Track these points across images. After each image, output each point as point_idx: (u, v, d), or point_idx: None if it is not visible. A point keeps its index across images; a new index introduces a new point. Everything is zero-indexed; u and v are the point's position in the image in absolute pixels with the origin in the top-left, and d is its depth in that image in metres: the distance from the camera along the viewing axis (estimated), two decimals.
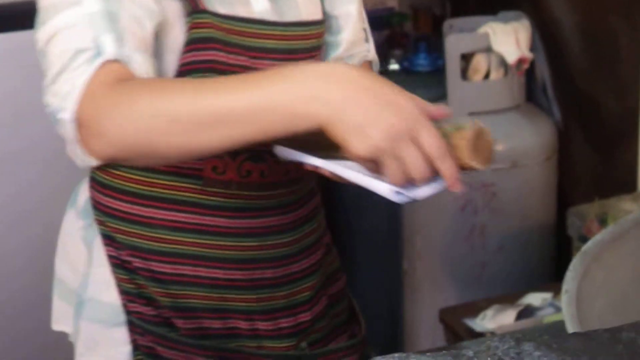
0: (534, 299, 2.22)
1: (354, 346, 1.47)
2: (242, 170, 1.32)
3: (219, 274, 1.35)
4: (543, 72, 2.70)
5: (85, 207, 1.40)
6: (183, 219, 1.33)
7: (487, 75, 2.55)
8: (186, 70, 1.25)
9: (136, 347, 1.38)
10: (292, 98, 1.04)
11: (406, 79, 2.81)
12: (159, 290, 1.36)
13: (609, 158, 2.56)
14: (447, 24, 2.66)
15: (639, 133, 2.37)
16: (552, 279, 2.54)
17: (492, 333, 2.11)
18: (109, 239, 1.37)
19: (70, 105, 1.11)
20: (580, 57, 2.60)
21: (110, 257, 1.37)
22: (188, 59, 1.25)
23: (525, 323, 2.12)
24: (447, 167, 1.05)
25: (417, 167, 1.03)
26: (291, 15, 1.33)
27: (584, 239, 2.03)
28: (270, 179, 1.35)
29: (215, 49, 1.26)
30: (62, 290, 1.48)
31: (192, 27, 1.25)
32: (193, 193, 1.31)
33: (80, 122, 1.12)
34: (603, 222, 1.98)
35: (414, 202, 1.09)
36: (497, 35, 2.52)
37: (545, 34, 2.67)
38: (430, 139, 1.03)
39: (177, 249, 1.34)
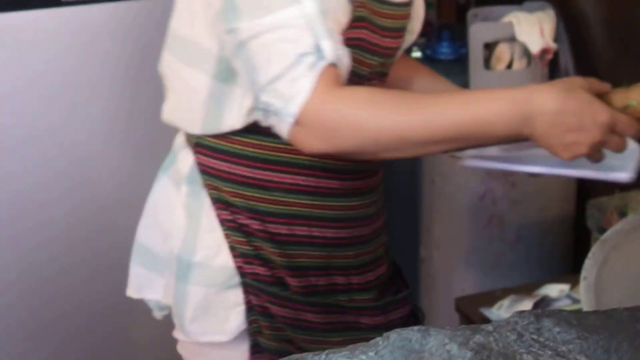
0: (551, 290, 2.22)
1: (405, 299, 1.58)
2: None
3: (329, 233, 1.45)
4: (567, 62, 2.68)
5: (191, 174, 1.46)
6: (300, 182, 1.42)
7: (510, 65, 2.54)
8: (346, 44, 1.31)
9: (250, 308, 1.45)
10: (509, 120, 1.23)
11: (429, 67, 2.80)
12: (275, 250, 1.44)
13: None
14: (472, 12, 2.65)
15: None
16: (569, 271, 2.53)
17: None
18: (222, 203, 1.44)
19: (294, 110, 1.22)
20: (604, 48, 2.59)
21: (225, 220, 1.44)
22: (349, 34, 1.33)
23: None
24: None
25: (618, 147, 1.25)
26: None
27: (603, 231, 2.02)
28: None
29: (364, 28, 1.36)
30: (146, 258, 1.54)
31: (357, 6, 1.34)
32: (292, 154, 1.39)
33: (301, 123, 1.23)
34: (623, 214, 1.97)
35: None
36: (521, 25, 2.50)
37: (570, 25, 2.65)
38: (624, 126, 1.25)
39: (292, 211, 1.43)
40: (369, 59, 1.39)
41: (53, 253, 2.28)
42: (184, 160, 1.47)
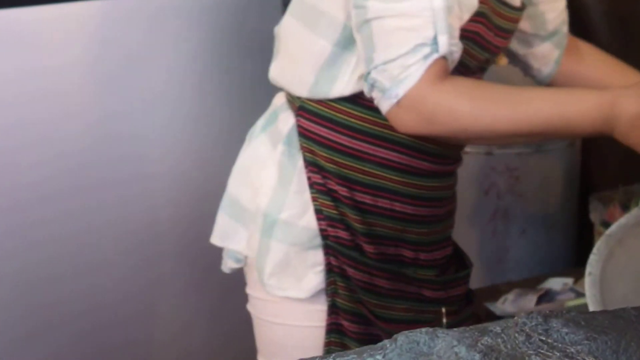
0: (555, 283, 2.22)
1: (465, 277, 1.65)
2: None
3: (409, 209, 1.52)
4: None
5: (290, 135, 1.53)
6: (393, 158, 1.49)
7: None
8: (461, 36, 1.39)
9: (330, 269, 1.52)
10: (593, 121, 1.33)
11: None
12: (357, 217, 1.50)
13: None
14: None
15: None
16: (573, 264, 2.54)
17: (513, 317, 2.11)
18: (316, 167, 1.51)
19: (401, 91, 1.32)
20: (607, 43, 2.58)
21: (315, 184, 1.51)
22: (467, 27, 1.41)
23: (546, 307, 2.12)
24: None
25: None
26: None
27: (607, 225, 2.02)
28: None
29: (482, 24, 1.43)
30: (234, 209, 1.60)
31: (481, 2, 1.41)
32: (406, 135, 1.43)
33: (402, 104, 1.33)
34: (626, 207, 1.97)
35: None
36: None
37: (574, 19, 2.64)
38: None
39: (380, 183, 1.50)
40: (479, 53, 1.46)
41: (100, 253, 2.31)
42: (285, 121, 1.54)
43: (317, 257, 1.52)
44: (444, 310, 1.58)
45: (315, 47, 1.48)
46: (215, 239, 1.64)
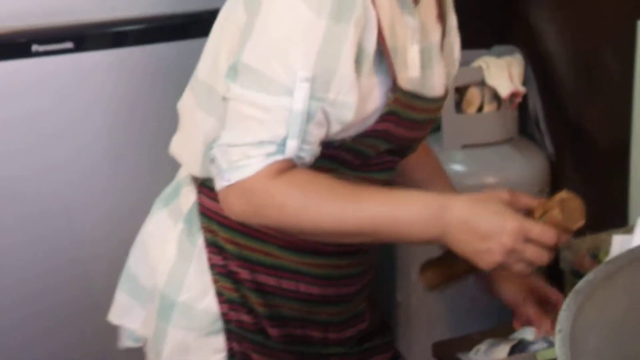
0: (528, 333, 2.22)
1: (385, 345, 1.61)
2: None
3: (315, 289, 1.47)
4: (536, 105, 2.72)
5: (190, 213, 1.47)
6: (296, 239, 1.41)
7: (480, 108, 2.57)
8: (365, 135, 1.36)
9: (232, 355, 1.46)
10: (424, 225, 1.28)
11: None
12: (260, 300, 1.45)
13: (601, 191, 2.57)
14: None
15: (630, 166, 2.39)
16: None
17: None
18: (216, 248, 1.45)
19: (235, 178, 1.27)
20: (572, 90, 2.62)
21: (216, 265, 1.44)
22: (374, 127, 1.36)
23: (518, 358, 2.12)
24: (563, 242, 1.31)
25: (538, 257, 1.28)
26: (429, 89, 1.44)
27: (576, 273, 2.04)
28: None
29: (391, 121, 1.37)
30: (132, 286, 1.53)
31: (392, 101, 1.35)
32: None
33: (233, 190, 1.29)
34: (595, 256, 1.98)
35: None
36: (490, 69, 2.54)
37: (538, 68, 2.69)
38: (538, 234, 1.27)
39: (283, 264, 1.44)
40: (382, 145, 1.40)
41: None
42: (186, 197, 1.49)
43: (219, 343, 1.46)
44: None
45: (204, 124, 1.42)
46: (113, 317, 1.57)
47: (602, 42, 2.48)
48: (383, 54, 1.33)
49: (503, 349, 2.17)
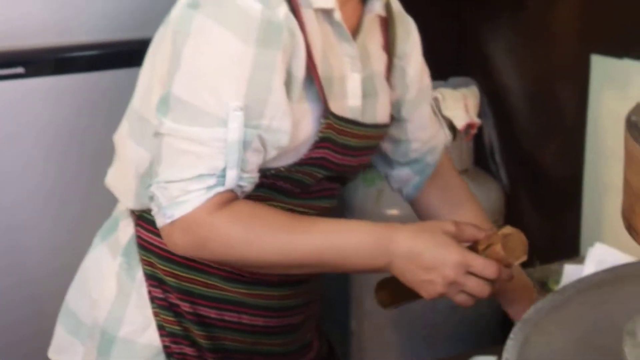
0: None
1: None
2: None
3: (259, 321, 1.46)
4: (491, 137, 2.74)
5: (129, 246, 1.44)
6: (238, 270, 1.41)
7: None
8: (302, 163, 1.36)
9: None
10: (368, 254, 1.29)
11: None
12: (202, 333, 1.43)
13: (554, 222, 2.60)
14: None
15: (582, 198, 2.42)
16: (499, 342, 2.55)
17: None
18: (156, 281, 1.42)
19: (177, 214, 1.25)
20: (527, 123, 2.65)
21: (156, 298, 1.42)
22: (310, 155, 1.36)
23: None
24: (504, 277, 1.33)
25: (479, 290, 1.31)
26: (370, 117, 1.45)
27: None
28: None
29: (328, 148, 1.38)
30: (71, 323, 1.50)
31: (325, 127, 1.35)
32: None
33: (176, 225, 1.26)
34: (544, 285, 2.00)
35: None
36: (446, 101, 2.56)
37: (494, 100, 2.72)
38: (479, 268, 1.29)
39: (225, 296, 1.42)
40: (321, 172, 1.41)
41: None
42: (124, 230, 1.47)
43: None
44: None
45: (135, 156, 1.41)
46: (52, 353, 1.55)
47: (557, 75, 2.52)
48: (313, 80, 1.33)
49: None
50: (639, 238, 0.94)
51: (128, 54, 2.29)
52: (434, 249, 1.28)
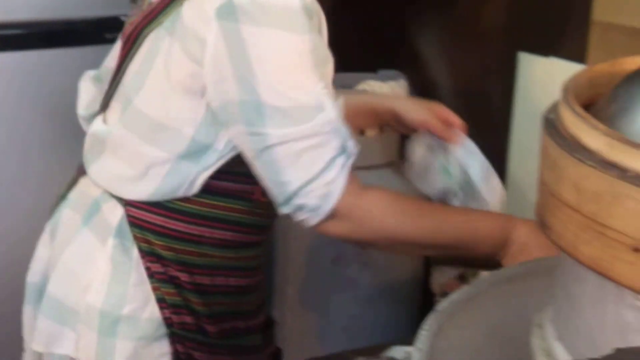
0: (397, 352, 2.25)
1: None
2: None
3: (242, 282, 1.57)
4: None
5: (120, 227, 1.48)
6: (228, 237, 1.51)
7: (362, 132, 2.60)
8: None
9: (177, 357, 1.51)
10: (494, 241, 1.45)
11: None
12: (199, 300, 1.51)
13: None
14: None
15: (506, 194, 2.45)
16: (417, 333, 2.58)
17: None
18: (154, 256, 1.48)
19: (330, 206, 1.36)
20: None
21: (156, 273, 1.48)
22: None
23: None
24: None
25: None
26: None
27: (446, 295, 2.07)
28: None
29: None
30: (58, 312, 1.53)
31: None
32: (242, 214, 1.50)
33: (333, 216, 1.37)
34: (463, 279, 2.03)
35: None
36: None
37: (422, 95, 2.74)
38: None
39: (216, 262, 1.52)
40: None
41: None
42: (111, 212, 1.50)
43: (164, 348, 1.50)
44: None
45: (154, 158, 1.45)
46: (39, 346, 1.56)
47: (485, 72, 2.55)
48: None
49: None
50: (552, 234, 0.96)
51: (48, 35, 2.28)
52: (544, 248, 1.38)
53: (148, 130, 1.44)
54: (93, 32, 2.36)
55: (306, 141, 1.33)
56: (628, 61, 1.06)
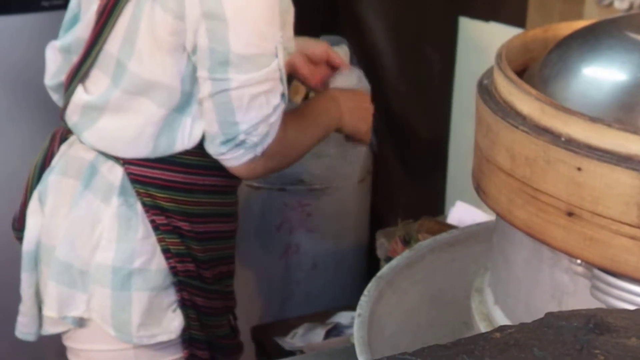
0: (344, 317, 2.28)
1: None
2: None
3: (227, 227, 1.67)
4: None
5: (123, 185, 1.56)
6: (217, 182, 1.62)
7: (306, 97, 2.60)
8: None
9: (183, 304, 1.60)
10: (337, 114, 1.75)
11: None
12: (198, 247, 1.60)
13: (420, 181, 2.65)
14: None
15: (447, 158, 2.47)
16: None
17: (301, 351, 2.15)
18: (158, 209, 1.57)
19: (267, 144, 1.52)
20: (396, 83, 2.69)
21: (161, 225, 1.57)
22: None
23: (333, 342, 2.17)
24: None
25: None
26: None
27: (390, 260, 2.09)
28: None
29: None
30: (68, 275, 1.59)
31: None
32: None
33: (265, 154, 1.53)
34: (407, 242, 2.04)
35: None
36: None
37: (364, 60, 2.75)
38: None
39: (210, 210, 1.62)
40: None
41: None
42: (111, 173, 1.58)
43: (171, 296, 1.59)
44: None
45: (150, 114, 1.54)
46: (52, 312, 1.61)
47: (426, 37, 2.56)
48: None
49: (319, 333, 2.23)
50: (487, 199, 0.96)
51: None
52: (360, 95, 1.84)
53: (144, 89, 1.53)
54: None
55: (260, 86, 1.47)
56: (562, 26, 1.06)
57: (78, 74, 1.60)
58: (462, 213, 2.02)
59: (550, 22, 1.09)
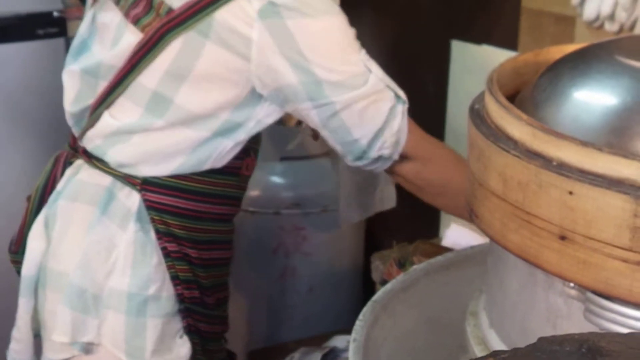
0: (340, 341, 2.27)
1: None
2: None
3: (227, 254, 1.68)
4: None
5: (140, 211, 1.57)
6: (224, 211, 1.63)
7: (300, 122, 2.61)
8: None
9: (189, 330, 1.62)
10: None
11: None
12: (203, 274, 1.61)
13: (415, 203, 2.65)
14: None
15: None
16: None
17: None
18: (171, 236, 1.57)
19: (400, 149, 1.54)
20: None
21: (172, 252, 1.58)
22: None
23: None
24: None
25: None
26: None
27: (385, 283, 2.09)
28: None
29: None
30: (82, 301, 1.58)
31: None
32: (232, 188, 1.62)
33: (406, 157, 1.55)
34: (401, 265, 2.05)
35: None
36: None
37: None
38: None
39: (214, 237, 1.62)
40: None
41: None
42: (129, 199, 1.58)
43: (178, 323, 1.60)
44: None
45: (196, 137, 1.54)
46: (64, 337, 1.60)
47: (419, 59, 2.57)
48: None
49: (316, 357, 2.22)
50: (481, 223, 0.97)
51: None
52: None
53: (192, 120, 1.55)
54: (25, 28, 2.36)
55: (365, 101, 1.49)
56: (552, 50, 1.07)
57: (106, 100, 1.60)
58: (457, 235, 2.02)
59: (541, 44, 1.10)
